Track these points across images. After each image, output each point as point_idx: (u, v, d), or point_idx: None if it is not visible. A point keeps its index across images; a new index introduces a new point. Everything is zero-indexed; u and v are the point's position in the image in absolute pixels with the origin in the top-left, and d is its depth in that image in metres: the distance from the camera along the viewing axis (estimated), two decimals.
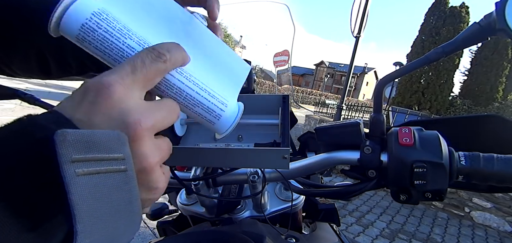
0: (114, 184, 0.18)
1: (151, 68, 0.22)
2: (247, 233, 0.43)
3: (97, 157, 0.18)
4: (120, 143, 0.19)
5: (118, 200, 0.19)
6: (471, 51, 11.48)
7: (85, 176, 0.17)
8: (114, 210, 0.18)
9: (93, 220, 0.17)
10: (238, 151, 0.35)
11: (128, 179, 0.19)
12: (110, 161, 0.18)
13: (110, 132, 0.18)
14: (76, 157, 0.16)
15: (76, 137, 0.17)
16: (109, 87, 0.20)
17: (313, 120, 6.93)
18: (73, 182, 0.16)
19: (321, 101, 13.58)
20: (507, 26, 0.33)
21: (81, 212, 0.16)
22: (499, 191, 0.43)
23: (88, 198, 0.17)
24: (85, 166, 0.17)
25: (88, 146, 0.17)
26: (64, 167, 0.16)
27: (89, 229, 0.17)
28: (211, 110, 0.27)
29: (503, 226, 3.34)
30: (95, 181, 0.17)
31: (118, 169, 0.19)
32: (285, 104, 0.39)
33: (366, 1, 4.70)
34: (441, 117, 0.48)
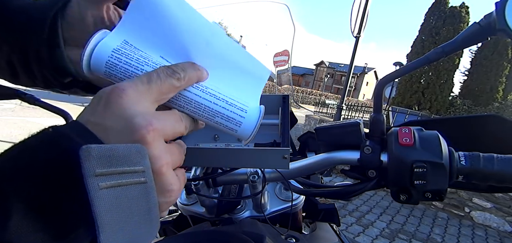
0: (134, 195, 0.19)
1: (165, 83, 0.23)
2: (247, 233, 0.43)
3: (119, 170, 0.18)
4: (140, 156, 0.19)
5: (138, 210, 0.20)
6: (471, 51, 11.49)
7: (108, 189, 0.18)
8: (134, 219, 0.19)
9: (114, 229, 0.18)
10: (238, 151, 0.35)
11: (148, 190, 0.20)
12: (131, 173, 0.19)
13: (131, 146, 0.19)
14: (100, 171, 0.17)
15: (100, 152, 0.17)
16: (122, 91, 0.21)
17: (313, 120, 6.93)
18: (97, 195, 0.17)
19: (321, 101, 13.59)
20: (507, 26, 0.33)
21: (104, 223, 0.17)
22: (499, 191, 0.43)
23: (110, 210, 0.18)
24: (108, 180, 0.18)
25: (110, 160, 0.18)
26: (89, 181, 0.17)
27: (111, 238, 0.18)
28: (231, 119, 0.28)
29: (503, 226, 3.34)
30: (117, 193, 0.18)
31: (138, 181, 0.19)
32: (285, 104, 0.39)
33: (366, 1, 4.70)
34: (441, 117, 0.48)
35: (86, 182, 0.17)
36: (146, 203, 0.20)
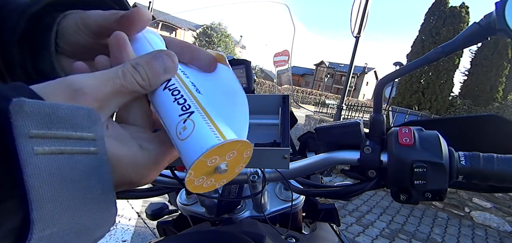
0: (82, 168, 0.16)
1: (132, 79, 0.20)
2: (247, 233, 0.43)
3: (62, 134, 0.15)
4: (90, 120, 0.16)
5: (87, 187, 0.16)
6: (471, 51, 11.49)
7: (46, 156, 0.14)
8: (82, 199, 0.16)
9: (55, 207, 0.15)
10: None
11: (100, 163, 0.17)
12: (77, 140, 0.16)
13: (78, 106, 0.16)
14: (35, 132, 0.14)
15: (36, 108, 0.14)
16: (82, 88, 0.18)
17: (313, 120, 6.94)
18: (30, 161, 0.14)
19: (321, 101, 13.59)
20: (507, 26, 0.33)
21: (40, 198, 0.14)
22: (499, 191, 0.43)
23: (49, 182, 0.14)
24: (46, 144, 0.14)
25: (50, 119, 0.15)
26: (20, 142, 0.14)
27: (50, 219, 0.15)
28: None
29: (503, 226, 3.34)
30: (59, 163, 0.15)
31: (87, 150, 0.16)
32: (285, 104, 0.39)
33: (366, 1, 4.70)
34: (441, 118, 0.48)
35: (16, 143, 0.14)
36: (99, 180, 0.17)
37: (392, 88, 9.85)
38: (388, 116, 8.76)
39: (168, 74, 0.22)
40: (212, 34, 22.73)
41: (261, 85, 19.74)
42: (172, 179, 0.49)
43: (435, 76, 10.99)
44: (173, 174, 0.46)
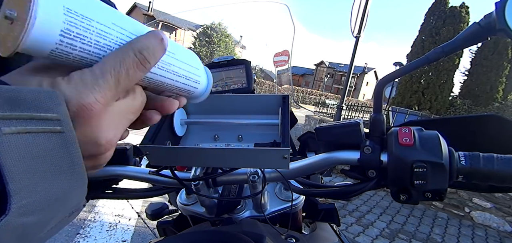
0: (50, 145, 0.18)
1: (134, 78, 0.22)
2: (247, 233, 0.43)
3: (25, 115, 0.17)
4: (52, 102, 0.18)
5: (57, 162, 0.18)
6: (471, 51, 11.48)
7: (14, 135, 0.16)
8: (54, 172, 0.18)
9: (29, 181, 0.16)
10: (238, 151, 0.35)
11: (67, 141, 0.18)
12: (41, 120, 0.17)
13: (40, 89, 0.17)
14: (1, 114, 0.16)
15: (2, 92, 0.16)
16: (91, 110, 0.20)
17: (313, 120, 6.93)
18: (1, 141, 0.15)
19: (321, 101, 13.58)
20: (507, 26, 0.33)
21: (12, 172, 0.16)
22: (499, 191, 0.43)
23: (20, 158, 0.16)
24: (12, 125, 0.16)
25: (13, 102, 0.16)
26: None
27: (25, 190, 0.16)
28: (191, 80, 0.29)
29: (503, 226, 3.34)
30: (27, 141, 0.17)
31: (53, 129, 0.18)
32: (285, 104, 0.39)
33: (366, 1, 4.70)
34: (441, 118, 0.48)
35: None
36: (67, 155, 0.18)
37: (392, 88, 9.85)
38: (388, 116, 8.76)
39: None
40: (212, 34, 22.72)
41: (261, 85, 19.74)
42: (172, 179, 0.49)
43: (435, 76, 10.99)
44: (173, 174, 0.46)
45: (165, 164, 0.45)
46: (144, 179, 0.51)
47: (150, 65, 0.22)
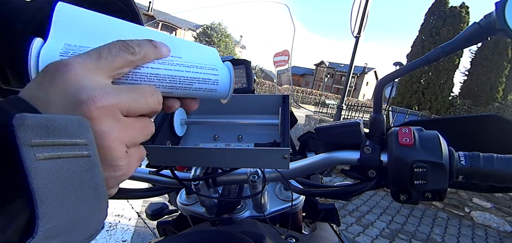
0: (77, 169, 0.18)
1: (117, 57, 0.22)
2: (247, 233, 0.43)
3: (58, 142, 0.18)
4: (82, 128, 0.19)
5: (82, 185, 0.19)
6: (471, 51, 11.48)
7: (46, 161, 0.17)
8: (78, 195, 0.19)
9: (55, 204, 0.17)
10: (238, 151, 0.35)
11: (92, 164, 0.19)
12: (72, 146, 0.18)
13: (71, 117, 0.18)
14: (36, 141, 0.17)
15: (36, 121, 0.17)
16: (67, 65, 0.20)
17: (313, 120, 6.93)
18: (33, 166, 0.16)
19: (321, 101, 13.57)
20: (507, 26, 0.33)
21: (42, 196, 0.16)
22: (499, 191, 0.43)
23: (49, 183, 0.17)
24: (46, 151, 0.17)
25: (48, 130, 0.17)
26: (23, 151, 0.16)
27: (51, 213, 0.17)
28: (207, 80, 0.29)
29: (503, 226, 3.34)
30: (57, 166, 0.17)
31: (81, 154, 0.19)
32: (285, 104, 0.39)
33: (366, 1, 4.70)
34: (441, 118, 0.48)
35: (20, 152, 0.16)
36: (91, 178, 0.19)
37: (392, 88, 9.84)
38: (388, 116, 8.76)
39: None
40: (212, 34, 22.72)
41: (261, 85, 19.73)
42: (172, 179, 0.49)
43: (435, 76, 10.99)
44: (173, 174, 0.46)
45: (165, 164, 0.45)
46: (144, 179, 0.51)
47: (134, 51, 0.23)
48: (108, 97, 0.21)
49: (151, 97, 0.24)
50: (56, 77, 0.20)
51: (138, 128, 0.24)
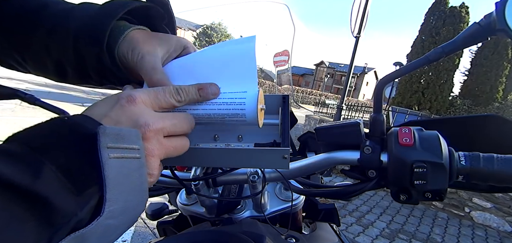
0: (132, 167, 0.25)
1: (166, 100, 0.31)
2: (247, 233, 0.43)
3: (123, 146, 0.24)
4: (137, 138, 0.26)
5: (134, 180, 0.25)
6: (471, 51, 11.48)
7: (114, 159, 0.24)
8: (132, 187, 0.25)
9: (117, 192, 0.24)
10: (238, 151, 0.35)
11: (141, 165, 0.26)
12: (130, 150, 0.25)
13: (131, 130, 0.26)
14: (110, 144, 0.23)
15: (111, 131, 0.24)
16: (135, 98, 0.28)
17: (313, 120, 6.93)
18: (107, 163, 0.23)
19: (321, 101, 13.57)
20: (507, 26, 0.32)
21: (110, 184, 0.23)
22: (499, 191, 0.43)
23: (115, 175, 0.24)
24: (115, 152, 0.24)
25: (118, 137, 0.24)
26: (102, 151, 0.23)
27: (114, 198, 0.24)
28: (235, 114, 0.33)
29: (503, 226, 3.34)
30: (121, 163, 0.24)
31: (135, 156, 0.26)
32: (285, 104, 0.39)
33: (366, 1, 4.70)
34: (441, 117, 0.48)
35: (100, 151, 0.23)
36: (139, 176, 0.26)
37: (392, 88, 9.85)
38: (388, 116, 8.76)
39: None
40: (212, 34, 22.71)
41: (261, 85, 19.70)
42: (172, 179, 0.49)
43: (435, 76, 10.98)
44: (173, 174, 0.46)
45: (165, 164, 0.45)
46: None
47: (181, 99, 0.32)
48: (156, 124, 0.28)
49: (187, 124, 0.32)
50: (125, 105, 0.28)
51: (173, 147, 0.31)
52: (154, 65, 0.35)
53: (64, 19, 0.36)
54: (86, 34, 0.35)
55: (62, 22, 0.36)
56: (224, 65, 0.34)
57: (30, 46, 0.38)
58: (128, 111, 0.27)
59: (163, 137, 0.30)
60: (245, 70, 0.34)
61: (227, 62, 0.34)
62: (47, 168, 0.21)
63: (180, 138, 0.32)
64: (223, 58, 0.34)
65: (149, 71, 0.34)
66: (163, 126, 0.29)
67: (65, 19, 0.36)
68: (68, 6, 0.38)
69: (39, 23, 0.36)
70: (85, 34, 0.35)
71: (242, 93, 0.33)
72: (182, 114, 0.32)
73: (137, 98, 0.28)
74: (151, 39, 0.37)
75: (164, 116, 0.30)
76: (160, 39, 0.37)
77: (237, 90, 0.33)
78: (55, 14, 0.37)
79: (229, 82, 0.34)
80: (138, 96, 0.28)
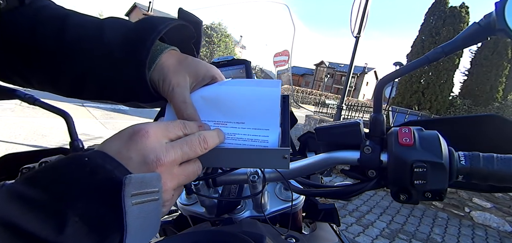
0: (150, 209, 0.26)
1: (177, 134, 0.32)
2: (247, 233, 0.43)
3: (145, 191, 0.25)
4: (157, 181, 0.27)
5: (151, 219, 0.27)
6: (471, 51, 11.47)
7: (137, 205, 0.25)
8: (148, 225, 0.27)
9: (136, 234, 0.25)
10: (238, 151, 0.35)
11: (159, 205, 0.27)
12: (151, 193, 0.26)
13: (154, 174, 0.27)
14: (133, 192, 0.24)
15: (136, 179, 0.24)
16: (146, 132, 0.28)
17: (313, 120, 6.93)
18: (129, 210, 0.24)
19: (321, 101, 13.56)
20: (507, 26, 0.32)
21: (130, 229, 0.24)
22: (499, 191, 0.43)
23: (136, 219, 0.24)
24: (137, 198, 0.24)
25: (141, 184, 0.25)
26: (126, 200, 0.23)
27: (133, 239, 0.24)
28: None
29: (503, 226, 3.34)
30: (142, 207, 0.25)
31: (154, 198, 0.26)
32: (285, 104, 0.39)
33: (366, 1, 4.70)
34: (441, 117, 0.48)
35: (124, 201, 0.23)
36: (157, 214, 0.27)
37: (392, 88, 9.85)
38: (388, 116, 8.76)
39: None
40: (212, 34, 22.70)
41: None
42: None
43: (435, 76, 10.97)
44: None
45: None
46: None
47: (186, 130, 0.32)
48: (168, 156, 0.29)
49: (199, 147, 0.32)
50: (136, 139, 0.28)
51: (185, 175, 0.31)
52: (184, 99, 0.35)
53: (95, 30, 0.35)
54: (126, 48, 0.34)
55: (92, 34, 0.35)
56: (249, 104, 0.36)
57: (45, 59, 0.36)
58: (139, 145, 0.28)
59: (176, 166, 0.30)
60: (269, 111, 0.36)
61: (253, 101, 0.36)
62: (71, 219, 0.21)
63: (193, 162, 0.32)
64: (249, 97, 0.37)
65: (179, 105, 0.35)
66: (175, 158, 0.29)
67: (97, 30, 0.35)
68: (96, 18, 0.37)
69: (60, 33, 0.35)
70: (124, 48, 0.34)
71: (265, 131, 0.35)
72: (193, 137, 0.32)
73: (148, 130, 0.29)
74: (181, 68, 0.36)
75: (175, 146, 0.30)
76: (190, 67, 0.37)
77: (260, 128, 0.36)
78: (82, 23, 0.36)
79: (253, 119, 0.36)
80: (150, 128, 0.29)
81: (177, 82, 0.35)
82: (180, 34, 0.40)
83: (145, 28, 0.35)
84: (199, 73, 0.38)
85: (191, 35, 0.41)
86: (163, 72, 0.36)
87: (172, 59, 0.37)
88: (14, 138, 3.86)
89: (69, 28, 0.35)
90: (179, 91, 0.35)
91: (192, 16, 0.41)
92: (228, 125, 0.36)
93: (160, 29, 0.35)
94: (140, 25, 0.36)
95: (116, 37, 0.35)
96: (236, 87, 0.38)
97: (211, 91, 0.38)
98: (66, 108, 0.57)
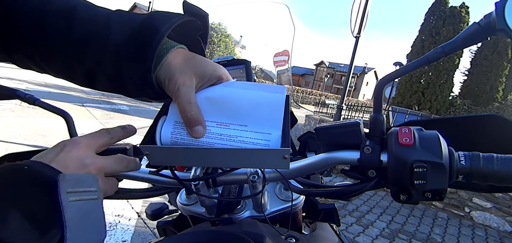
0: (90, 207, 0.29)
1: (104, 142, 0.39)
2: (247, 233, 0.43)
3: (81, 190, 0.28)
4: (94, 181, 0.30)
5: (93, 218, 0.29)
6: (471, 51, 11.47)
7: (74, 202, 0.27)
8: (91, 225, 0.29)
9: (76, 230, 0.27)
10: (238, 151, 0.35)
11: (98, 204, 0.30)
12: (88, 192, 0.29)
13: (88, 175, 0.31)
14: (69, 190, 0.27)
15: (70, 177, 0.28)
16: (79, 144, 0.34)
17: (313, 120, 6.93)
18: (67, 205, 0.26)
19: (321, 101, 13.55)
20: (507, 26, 0.32)
21: (70, 225, 0.26)
22: (499, 191, 0.43)
23: (74, 216, 0.27)
24: (74, 196, 0.27)
25: (76, 183, 0.28)
26: (62, 196, 0.26)
27: (74, 237, 0.26)
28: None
29: (503, 226, 3.34)
30: (79, 205, 0.28)
31: (93, 197, 0.29)
32: (285, 105, 0.39)
33: (366, 1, 4.70)
34: (441, 117, 0.48)
35: (60, 197, 0.26)
36: (98, 214, 0.30)
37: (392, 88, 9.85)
38: (388, 116, 8.76)
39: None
40: (212, 34, 22.69)
41: None
42: (172, 179, 0.49)
43: (435, 76, 10.97)
44: (173, 174, 0.46)
45: (165, 164, 0.45)
46: (144, 179, 0.50)
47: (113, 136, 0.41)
48: (99, 164, 0.35)
49: (122, 165, 0.39)
50: (71, 150, 0.33)
51: (110, 182, 0.39)
52: (189, 99, 0.35)
53: (102, 27, 0.35)
54: (130, 50, 0.34)
55: (100, 31, 0.35)
56: (253, 108, 0.37)
57: (56, 54, 0.36)
58: (74, 154, 0.33)
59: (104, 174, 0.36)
60: (272, 116, 0.36)
61: (257, 105, 0.37)
62: (12, 215, 0.23)
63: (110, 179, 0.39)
64: (254, 101, 0.37)
65: (184, 105, 0.35)
66: (102, 166, 0.36)
67: (104, 28, 0.35)
68: (103, 11, 0.36)
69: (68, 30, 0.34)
70: (129, 49, 0.34)
71: (267, 135, 0.36)
72: (116, 156, 0.39)
73: (80, 142, 0.35)
74: (187, 68, 0.36)
75: (103, 159, 0.37)
76: (196, 67, 0.37)
77: (263, 132, 0.36)
78: (89, 19, 0.35)
79: (256, 123, 0.36)
80: (82, 140, 0.35)
81: (183, 82, 0.35)
82: (186, 27, 0.40)
83: (150, 27, 0.35)
84: (206, 73, 0.37)
85: (198, 27, 0.41)
86: (169, 71, 0.36)
87: (179, 58, 0.37)
88: (14, 138, 3.86)
89: (76, 25, 0.34)
90: (184, 91, 0.35)
91: (198, 10, 0.40)
92: (231, 127, 0.36)
93: (164, 30, 0.35)
94: (145, 25, 0.35)
95: (122, 37, 0.34)
96: (242, 91, 0.38)
97: (216, 93, 0.38)
98: (66, 108, 0.57)
